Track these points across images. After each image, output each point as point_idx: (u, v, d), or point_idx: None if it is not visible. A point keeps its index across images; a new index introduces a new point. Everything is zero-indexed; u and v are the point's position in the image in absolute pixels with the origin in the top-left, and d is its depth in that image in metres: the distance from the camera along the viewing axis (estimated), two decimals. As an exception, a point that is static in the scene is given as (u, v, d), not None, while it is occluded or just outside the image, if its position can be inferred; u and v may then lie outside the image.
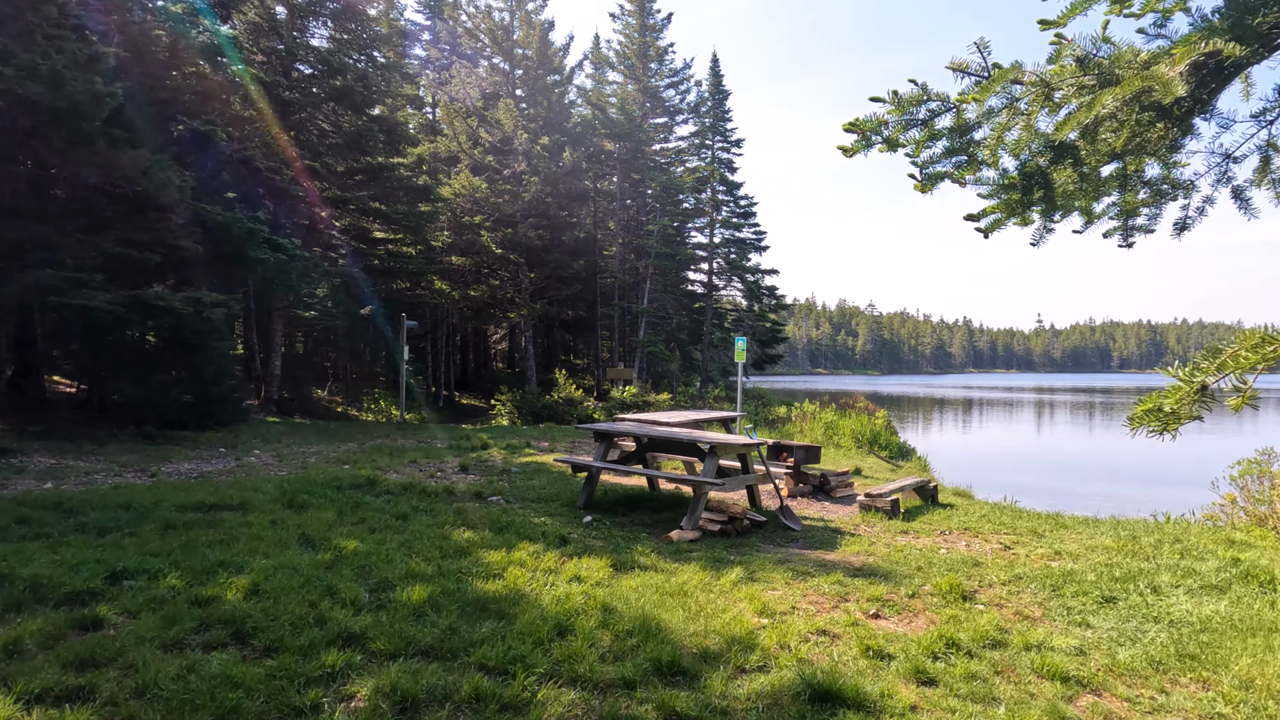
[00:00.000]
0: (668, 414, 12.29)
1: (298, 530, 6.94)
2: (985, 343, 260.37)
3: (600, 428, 9.18)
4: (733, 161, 30.69)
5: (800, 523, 8.59)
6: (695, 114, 29.02)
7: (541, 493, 9.68)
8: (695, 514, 8.03)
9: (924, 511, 9.42)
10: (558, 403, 19.23)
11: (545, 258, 24.95)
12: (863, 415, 17.62)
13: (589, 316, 28.64)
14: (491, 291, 24.02)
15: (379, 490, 8.93)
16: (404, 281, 22.23)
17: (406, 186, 20.49)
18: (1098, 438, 31.43)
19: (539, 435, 16.06)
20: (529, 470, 11.41)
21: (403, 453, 12.59)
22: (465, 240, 23.89)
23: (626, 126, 23.87)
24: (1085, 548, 7.87)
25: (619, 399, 18.38)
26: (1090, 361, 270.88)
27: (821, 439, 16.48)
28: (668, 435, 8.63)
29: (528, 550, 6.71)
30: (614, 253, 26.90)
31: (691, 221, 29.11)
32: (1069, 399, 66.21)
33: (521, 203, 23.35)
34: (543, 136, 22.67)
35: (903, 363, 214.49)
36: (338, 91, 18.48)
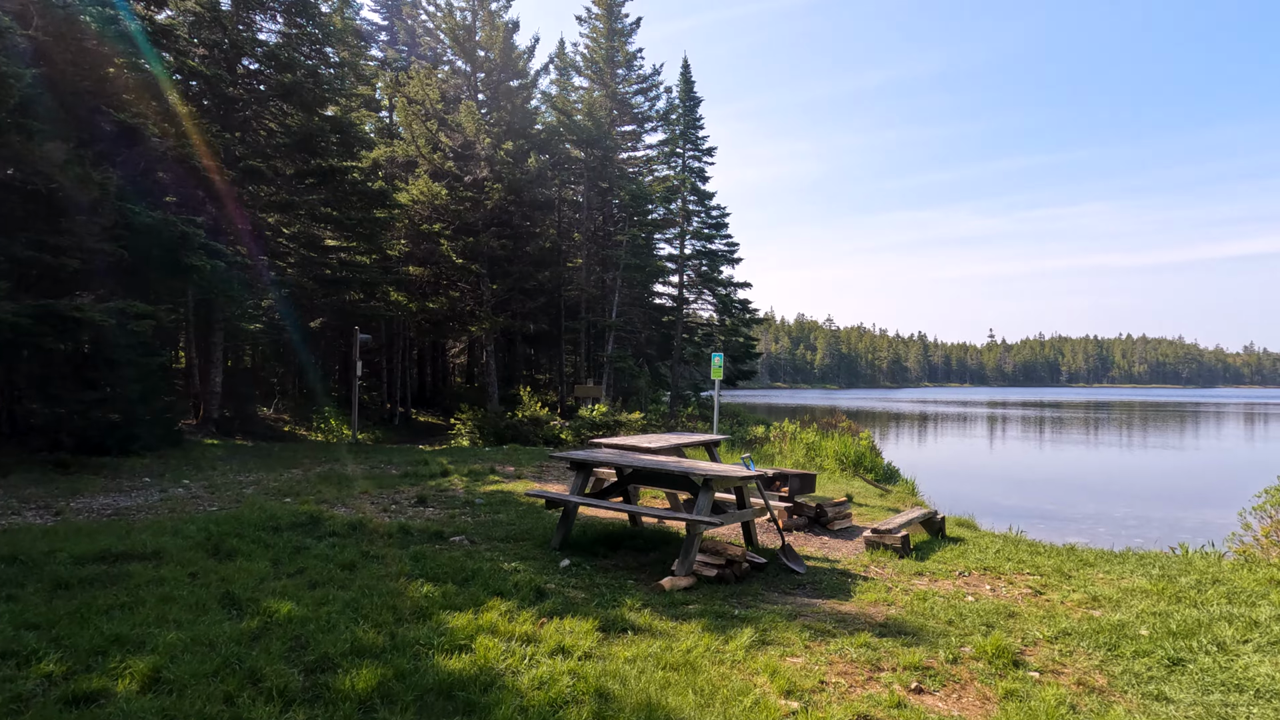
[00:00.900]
0: (645, 437, 11.31)
1: (221, 587, 5.80)
2: (940, 357, 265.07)
3: (577, 457, 8.16)
4: (704, 170, 30.04)
5: (804, 564, 7.66)
6: (665, 122, 28.24)
7: (510, 529, 8.61)
8: (689, 557, 7.05)
9: (934, 548, 8.57)
10: (522, 422, 18.13)
11: (508, 269, 23.84)
12: (846, 436, 16.87)
13: (553, 330, 27.56)
14: (451, 304, 22.82)
15: (323, 531, 7.78)
16: (358, 292, 20.94)
17: (361, 191, 19.26)
18: (1071, 453, 31.28)
19: (503, 458, 14.94)
20: (494, 502, 10.32)
21: (352, 482, 11.39)
22: (424, 249, 22.70)
23: (594, 133, 22.95)
24: (1121, 591, 7.08)
25: (588, 418, 17.36)
26: (1040, 375, 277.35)
27: (804, 461, 15.66)
28: (655, 466, 7.66)
29: (499, 609, 5.67)
30: (580, 264, 25.90)
31: (661, 232, 28.27)
32: (1030, 413, 66.87)
33: (484, 210, 22.25)
34: (506, 141, 21.63)
35: (860, 377, 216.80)
36: (286, 88, 17.24)
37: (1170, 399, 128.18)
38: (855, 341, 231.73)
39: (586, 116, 23.52)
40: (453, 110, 22.79)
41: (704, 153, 29.78)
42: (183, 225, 12.82)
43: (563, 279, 25.37)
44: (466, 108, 21.61)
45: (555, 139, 23.78)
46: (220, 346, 18.44)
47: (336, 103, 20.42)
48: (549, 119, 26.57)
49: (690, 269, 29.12)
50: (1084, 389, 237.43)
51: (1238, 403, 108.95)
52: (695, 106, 29.42)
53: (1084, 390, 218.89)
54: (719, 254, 29.25)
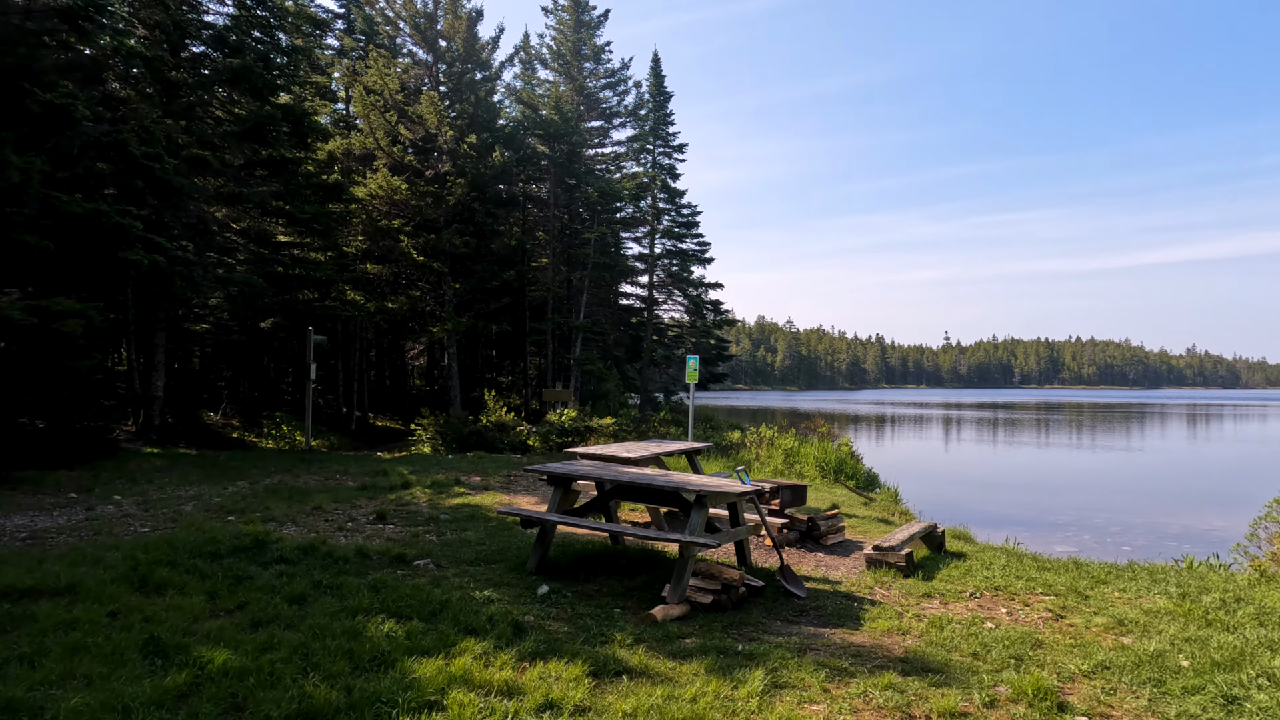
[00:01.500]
0: (622, 446, 10.61)
1: (145, 630, 4.96)
2: (897, 359, 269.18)
3: (555, 470, 7.44)
4: (675, 168, 29.37)
5: (804, 587, 7.04)
6: (634, 117, 27.52)
7: (480, 550, 7.84)
8: (682, 583, 6.37)
9: (938, 564, 8.01)
10: (487, 428, 17.28)
11: (471, 267, 22.93)
12: (825, 441, 16.35)
13: (517, 332, 26.67)
14: (412, 303, 21.84)
15: (270, 556, 6.93)
16: (312, 291, 19.87)
17: (315, 184, 18.23)
18: (1038, 456, 31.33)
19: (469, 467, 14.11)
20: (462, 517, 9.52)
21: (305, 495, 10.49)
22: (382, 247, 21.69)
23: (561, 126, 22.18)
24: (1144, 613, 6.59)
25: (556, 423, 16.59)
26: (994, 377, 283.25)
27: (783, 469, 15.10)
28: (641, 481, 6.97)
29: (473, 651, 4.93)
30: (546, 263, 25.07)
31: (630, 231, 27.56)
32: (990, 415, 67.65)
33: (446, 206, 21.32)
34: (470, 134, 20.75)
35: (820, 378, 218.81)
36: (234, 73, 16.16)
37: (1119, 400, 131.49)
38: (815, 343, 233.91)
39: (553, 110, 22.72)
40: (413, 102, 21.83)
41: (675, 149, 29.15)
42: (118, 217, 11.77)
43: (528, 278, 24.54)
44: (428, 98, 20.67)
45: (520, 133, 22.94)
46: (163, 348, 17.27)
47: (289, 91, 19.34)
48: (513, 114, 25.75)
49: (660, 269, 28.46)
50: (1036, 390, 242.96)
51: (1184, 403, 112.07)
52: (666, 101, 28.77)
53: (1036, 391, 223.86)
54: (690, 253, 28.63)
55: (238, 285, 17.59)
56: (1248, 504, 18.89)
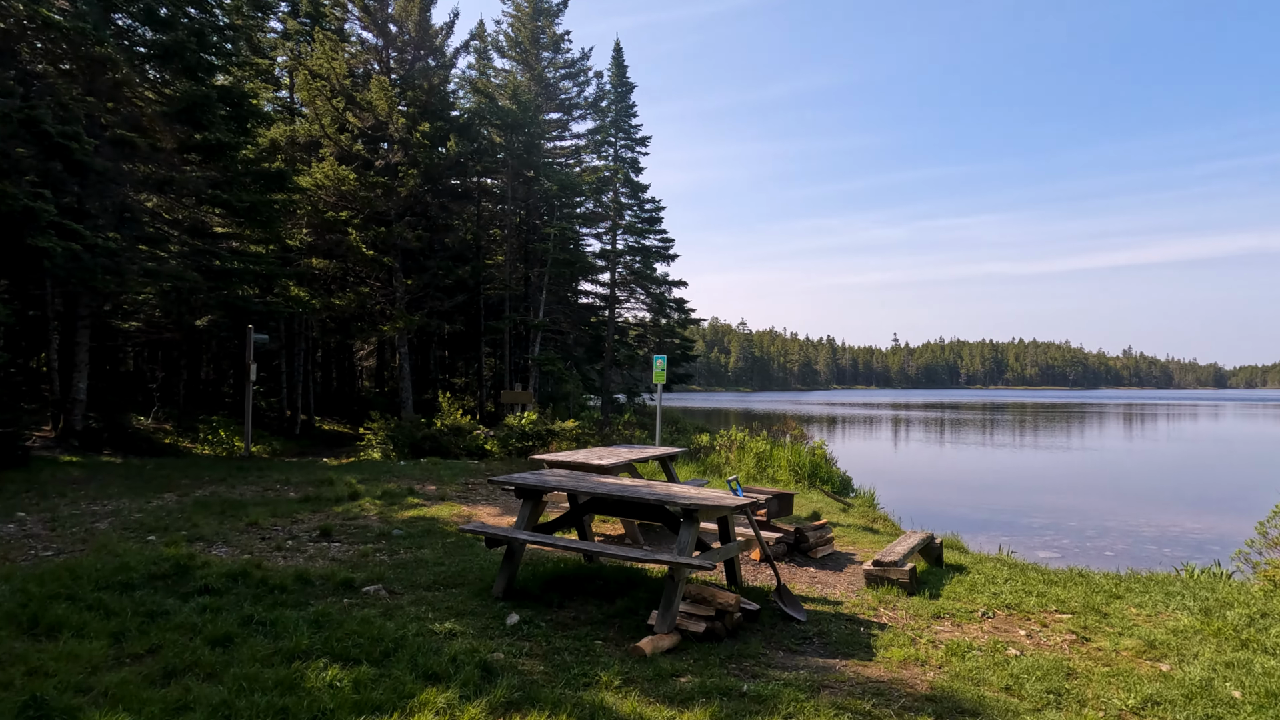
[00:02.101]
0: (591, 452, 9.84)
1: (27, 687, 4.04)
2: (848, 360, 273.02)
3: (525, 482, 6.64)
4: (638, 161, 28.52)
5: (803, 609, 6.35)
6: (594, 109, 26.54)
7: (438, 571, 6.99)
8: (671, 609, 5.63)
9: (941, 579, 7.42)
10: (442, 432, 16.30)
11: (424, 263, 21.86)
12: (799, 445, 15.78)
13: (471, 331, 25.63)
14: (360, 300, 20.70)
15: (193, 585, 5.98)
16: (252, 286, 18.61)
17: (255, 172, 17.01)
18: (997, 456, 31.40)
19: (422, 475, 13.14)
20: (416, 532, 8.63)
21: (241, 509, 9.46)
22: (329, 240, 20.49)
23: (519, 116, 21.23)
24: (1171, 633, 6.07)
25: (516, 427, 15.70)
26: (941, 378, 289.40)
27: (755, 473, 14.47)
28: (622, 493, 6.22)
29: (435, 704, 4.13)
30: (502, 260, 24.09)
31: (591, 226, 26.66)
32: (943, 415, 68.46)
33: (397, 198, 20.22)
34: (423, 123, 19.69)
35: (773, 379, 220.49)
36: (166, 49, 14.92)
37: (1062, 400, 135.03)
38: (768, 345, 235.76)
39: (510, 99, 21.74)
40: (362, 88, 20.68)
41: (637, 142, 28.29)
42: (27, 199, 10.56)
43: (483, 275, 23.54)
44: (378, 83, 19.56)
45: (476, 123, 21.92)
46: (86, 346, 15.89)
47: (228, 72, 18.09)
48: (468, 104, 24.69)
49: (622, 266, 27.59)
50: (981, 390, 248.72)
51: (1124, 403, 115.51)
52: (628, 92, 27.97)
53: (982, 392, 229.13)
54: (653, 250, 27.81)
55: (170, 279, 16.29)
56: (1211, 504, 18.97)
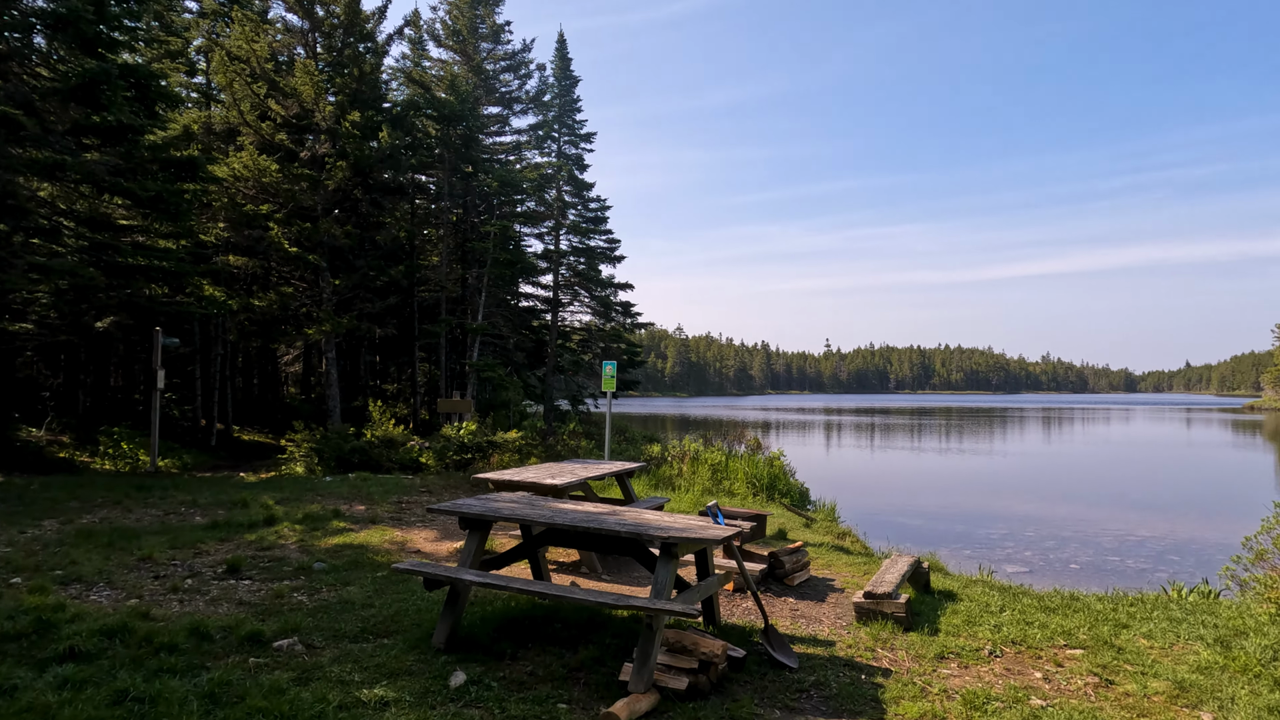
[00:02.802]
0: (540, 469, 8.90)
1: None
2: (782, 366, 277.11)
3: (471, 511, 5.69)
4: (583, 158, 27.36)
5: (794, 653, 5.55)
6: (537, 104, 25.40)
7: (368, 617, 5.95)
8: (649, 663, 4.76)
9: (935, 610, 6.73)
10: (373, 444, 15.04)
11: (353, 262, 20.44)
12: (756, 455, 15.07)
13: (404, 335, 24.25)
14: (283, 301, 19.18)
15: (57, 649, 4.83)
16: (161, 285, 16.98)
17: (164, 159, 15.46)
18: (940, 461, 31.48)
19: (350, 493, 11.93)
20: (342, 564, 7.53)
21: (134, 539, 8.19)
22: (248, 236, 18.94)
23: (457, 108, 20.04)
24: (1197, 672, 5.49)
25: (454, 438, 14.57)
26: (872, 383, 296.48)
27: (710, 485, 13.68)
28: (588, 524, 5.32)
29: (362, 821, 3.16)
30: (438, 260, 22.82)
31: (533, 226, 25.53)
32: (880, 420, 69.35)
33: (324, 192, 18.84)
34: (353, 111, 18.37)
35: (709, 385, 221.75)
36: (58, 19, 13.36)
37: (989, 404, 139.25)
38: (704, 350, 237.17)
39: (448, 90, 20.52)
40: (286, 73, 19.22)
41: (582, 138, 27.21)
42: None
43: (418, 276, 22.24)
44: (303, 68, 18.14)
45: (411, 114, 20.64)
46: (-37, 351, 14.15)
47: (132, 49, 16.49)
48: (401, 98, 23.39)
49: (566, 267, 26.52)
50: (910, 395, 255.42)
51: (1047, 407, 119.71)
52: (573, 86, 26.90)
53: (912, 397, 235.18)
54: (598, 251, 26.77)
55: (65, 276, 14.65)
56: (1155, 508, 19.07)
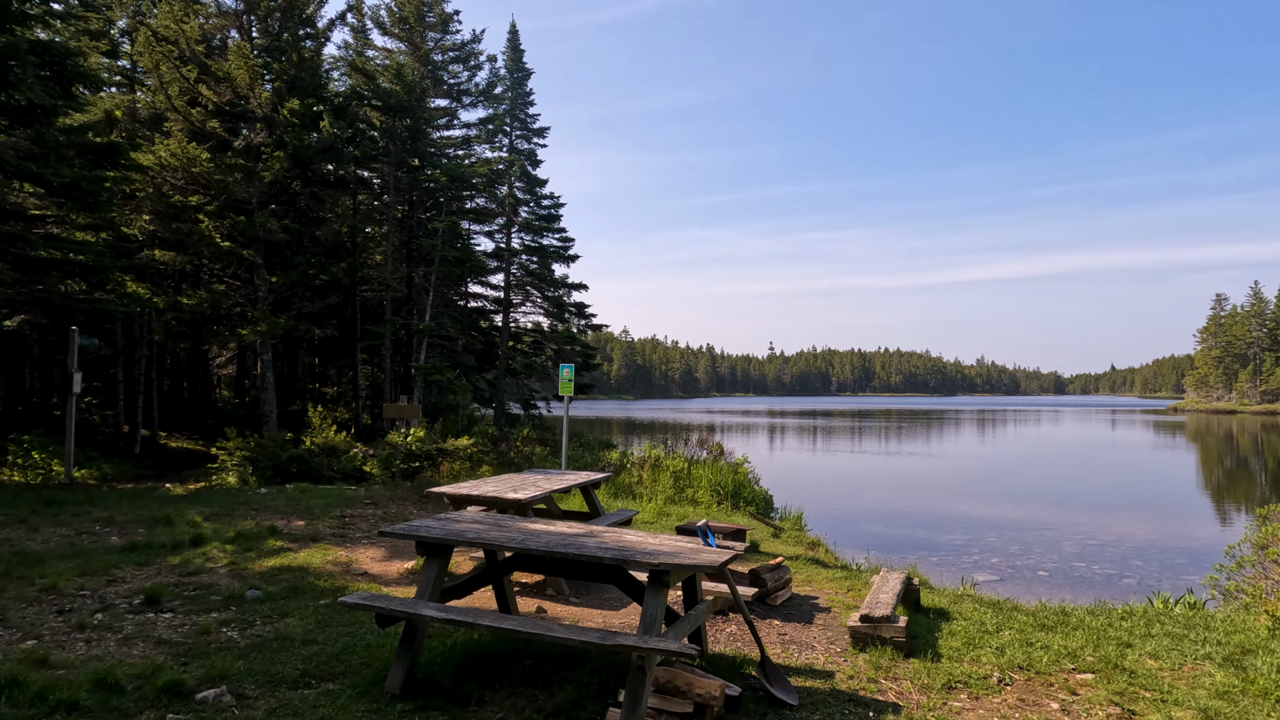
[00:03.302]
0: (499, 482, 8.24)
1: None
2: (726, 368, 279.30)
3: (431, 536, 5.03)
4: (535, 153, 26.42)
5: (792, 687, 5.03)
6: (487, 97, 24.40)
7: (310, 655, 5.22)
8: (639, 709, 4.19)
9: (932, 631, 6.29)
10: (312, 452, 14.07)
11: (292, 259, 19.30)
12: (720, 461, 14.56)
13: (346, 336, 23.12)
14: (214, 299, 17.95)
15: (-79, 713, 4.00)
16: (77, 281, 15.68)
17: (81, 144, 14.24)
18: (889, 464, 31.58)
19: (289, 506, 11.01)
20: (279, 590, 6.74)
21: (36, 565, 7.24)
22: (176, 230, 17.69)
23: (404, 99, 19.06)
24: (1215, 695, 5.16)
25: (401, 445, 13.70)
26: (814, 385, 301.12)
27: (673, 493, 13.14)
28: (565, 548, 4.72)
29: None
30: (381, 259, 21.79)
31: (483, 223, 24.53)
32: (824, 423, 69.93)
33: (260, 184, 17.71)
34: (291, 99, 17.30)
35: (654, 387, 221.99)
36: (-42, -14, 12.11)
37: (926, 406, 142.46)
38: (649, 353, 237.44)
39: (394, 79, 19.55)
40: (218, 56, 18.02)
41: (535, 132, 26.27)
42: None
43: (360, 274, 21.20)
44: (238, 50, 16.99)
45: (354, 105, 19.61)
46: None
47: (47, 24, 15.20)
48: (342, 89, 22.30)
49: (517, 266, 25.60)
50: (852, 397, 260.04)
51: (984, 409, 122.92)
52: (525, 79, 26.01)
53: (853, 399, 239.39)
54: (551, 250, 25.88)
55: (-34, 270, 13.33)
56: (1103, 508, 19.27)
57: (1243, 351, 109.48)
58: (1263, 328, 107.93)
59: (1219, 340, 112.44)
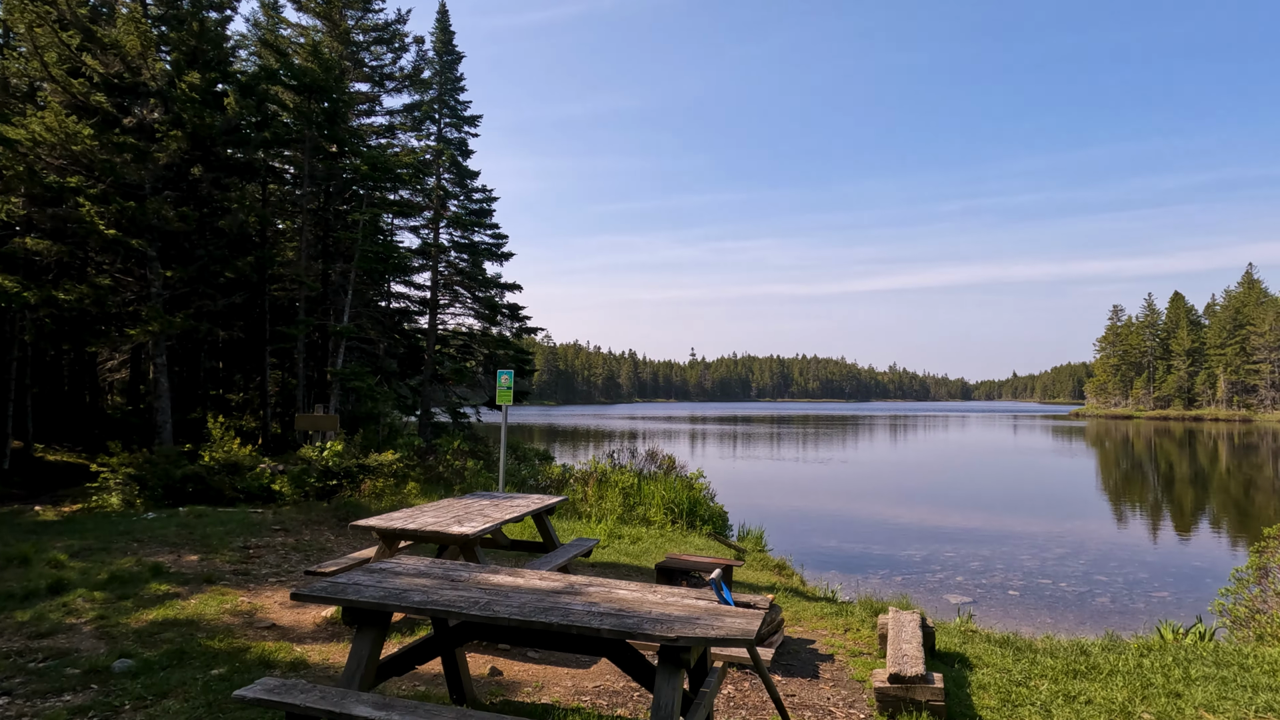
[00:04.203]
0: (438, 510, 7.01)
1: None
2: (649, 374, 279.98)
3: (363, 599, 3.81)
4: (466, 143, 24.77)
5: (830, 781, 4.02)
6: (414, 82, 22.62)
7: (195, 763, 3.90)
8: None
9: (962, 687, 5.39)
10: (212, 469, 12.33)
11: (191, 251, 17.31)
12: (673, 477, 13.50)
13: (253, 338, 21.10)
14: (98, 295, 15.85)
15: None
16: (-71, 271, 13.43)
17: (-68, 111, 12.15)
18: (826, 471, 31.27)
19: (181, 535, 9.38)
20: (159, 660, 5.31)
21: None
22: (53, 215, 15.54)
23: (321, 77, 17.30)
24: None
25: (317, 461, 12.12)
26: (735, 391, 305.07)
27: (622, 512, 12.02)
28: (544, 614, 3.60)
29: None
30: (294, 256, 19.93)
31: (408, 218, 22.75)
32: (751, 429, 70.03)
33: (154, 166, 15.74)
34: (190, 72, 15.42)
35: (577, 393, 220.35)
36: None
37: (845, 411, 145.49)
38: (572, 358, 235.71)
39: (309, 57, 17.77)
40: (107, 25, 15.96)
41: (467, 120, 24.52)
42: None
43: (270, 271, 19.32)
44: (128, 14, 15.02)
45: (264, 84, 17.72)
46: None
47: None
48: (250, 69, 20.34)
49: (446, 264, 23.88)
50: (772, 403, 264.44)
51: (901, 414, 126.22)
52: (456, 63, 24.29)
53: (773, 404, 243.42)
54: (482, 247, 24.24)
55: None
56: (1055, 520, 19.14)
57: (1138, 360, 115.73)
58: (1155, 338, 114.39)
59: (1116, 349, 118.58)
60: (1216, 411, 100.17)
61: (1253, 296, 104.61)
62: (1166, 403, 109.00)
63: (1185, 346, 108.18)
